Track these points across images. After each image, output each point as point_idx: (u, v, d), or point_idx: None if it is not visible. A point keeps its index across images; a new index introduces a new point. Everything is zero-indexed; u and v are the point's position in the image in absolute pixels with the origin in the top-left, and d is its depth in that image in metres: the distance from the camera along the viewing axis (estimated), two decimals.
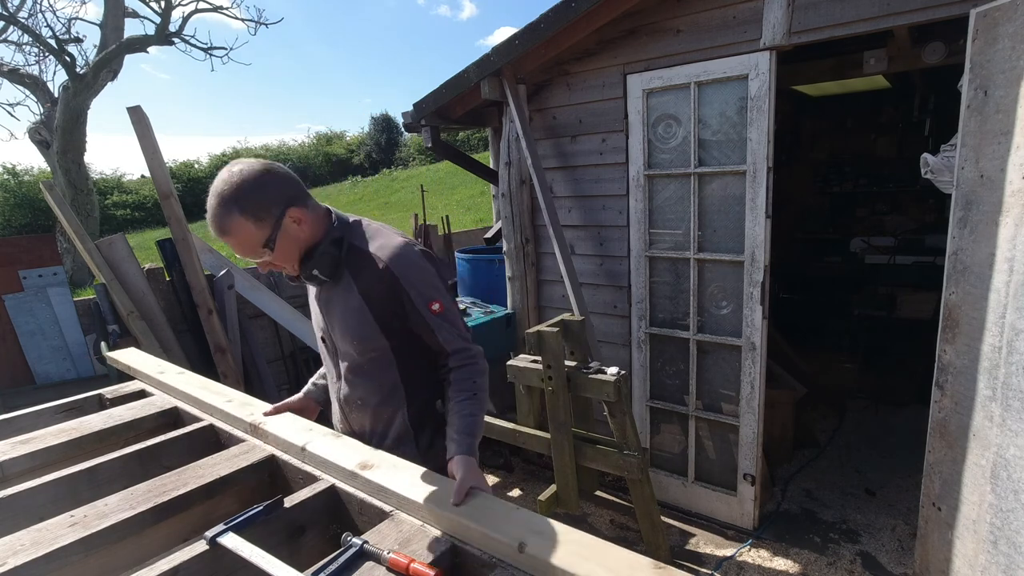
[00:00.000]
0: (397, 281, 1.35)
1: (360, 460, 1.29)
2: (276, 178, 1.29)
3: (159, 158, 3.78)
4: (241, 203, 1.23)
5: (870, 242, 5.34)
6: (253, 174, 1.26)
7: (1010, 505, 1.77)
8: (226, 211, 1.23)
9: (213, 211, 1.24)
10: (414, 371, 1.47)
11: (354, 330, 1.41)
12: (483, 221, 11.31)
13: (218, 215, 1.24)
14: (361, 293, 1.38)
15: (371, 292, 1.37)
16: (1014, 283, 1.73)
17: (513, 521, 1.04)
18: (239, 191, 1.23)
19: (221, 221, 1.24)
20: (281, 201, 1.28)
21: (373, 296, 1.37)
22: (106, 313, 3.65)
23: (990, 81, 1.80)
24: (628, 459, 2.38)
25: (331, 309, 1.44)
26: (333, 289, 1.43)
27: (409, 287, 1.36)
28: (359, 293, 1.38)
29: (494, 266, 3.85)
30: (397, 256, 1.36)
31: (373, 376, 1.46)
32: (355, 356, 1.45)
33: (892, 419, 4.10)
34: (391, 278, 1.35)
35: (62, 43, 10.04)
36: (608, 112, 3.02)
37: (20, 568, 1.01)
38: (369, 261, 1.37)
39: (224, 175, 1.26)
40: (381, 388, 1.47)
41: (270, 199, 1.27)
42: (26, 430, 1.68)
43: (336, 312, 1.43)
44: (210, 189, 1.26)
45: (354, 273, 1.39)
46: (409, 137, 25.26)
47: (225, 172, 1.27)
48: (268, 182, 1.27)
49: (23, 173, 17.28)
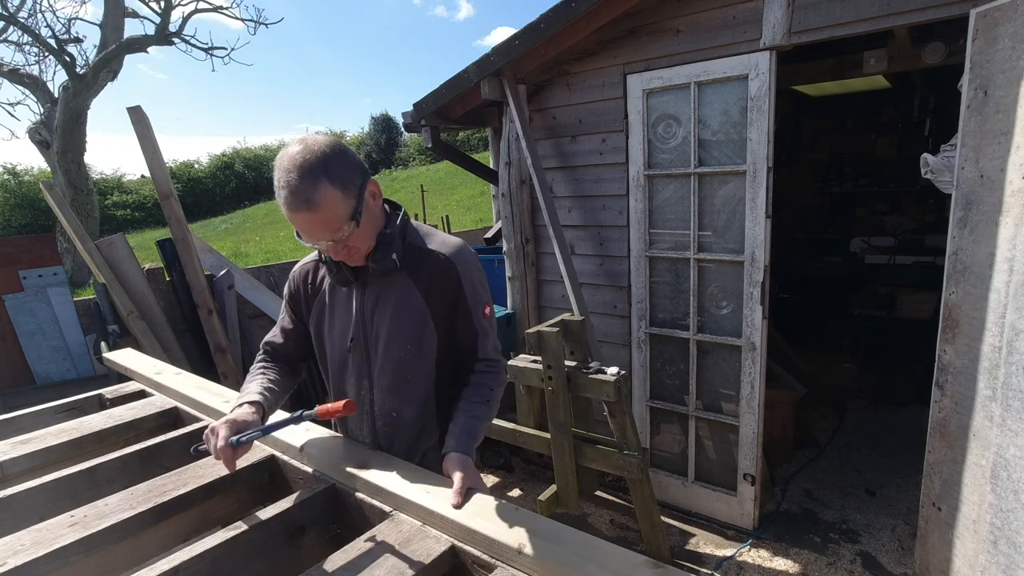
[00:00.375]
0: (460, 278, 1.31)
1: (357, 460, 1.29)
2: (351, 151, 1.22)
3: (159, 158, 3.79)
4: (329, 171, 1.13)
5: (870, 242, 5.34)
6: (332, 144, 1.17)
7: (1010, 505, 1.77)
8: (313, 180, 1.11)
9: (296, 184, 1.11)
10: (448, 382, 1.41)
11: (410, 332, 1.33)
12: (483, 221, 11.31)
13: (304, 186, 1.11)
14: (422, 293, 1.31)
15: (432, 291, 1.31)
16: (1014, 283, 1.73)
17: (512, 522, 1.04)
18: (324, 158, 1.13)
19: (309, 192, 1.11)
20: (361, 171, 1.22)
21: (434, 296, 1.31)
22: (106, 313, 3.65)
23: (990, 81, 1.80)
24: (628, 459, 2.38)
25: (380, 308, 1.33)
26: (386, 287, 1.33)
27: (468, 285, 1.32)
28: (420, 293, 1.31)
29: (494, 266, 3.85)
30: (459, 253, 1.33)
31: (415, 386, 1.37)
32: (404, 362, 1.35)
33: (892, 419, 4.10)
34: (455, 274, 1.30)
35: (62, 43, 10.04)
36: (608, 112, 3.02)
37: (20, 568, 1.01)
38: (431, 258, 1.31)
39: (297, 148, 1.14)
40: (419, 399, 1.38)
41: (353, 167, 1.19)
42: (26, 430, 1.68)
43: (387, 311, 1.33)
44: (280, 166, 1.13)
45: (414, 271, 1.31)
46: (409, 137, 25.26)
47: (298, 145, 1.15)
48: (347, 152, 1.20)
49: (23, 173, 17.28)
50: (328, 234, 1.17)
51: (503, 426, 2.83)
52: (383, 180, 22.04)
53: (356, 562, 0.99)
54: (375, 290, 1.34)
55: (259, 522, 1.12)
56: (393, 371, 1.36)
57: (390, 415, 1.40)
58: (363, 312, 1.35)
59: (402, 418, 1.39)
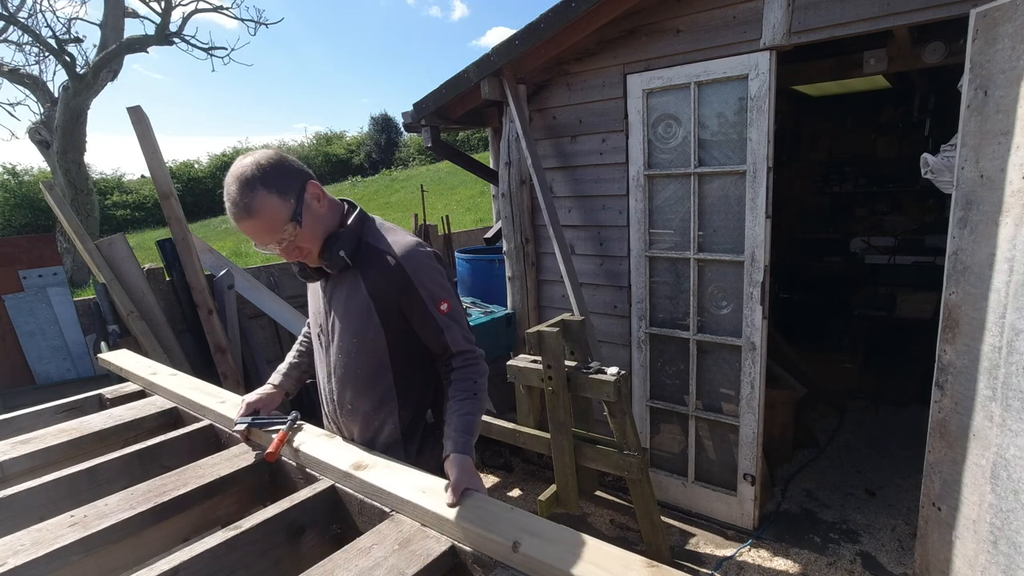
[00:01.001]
0: (409, 279, 1.36)
1: (354, 461, 1.29)
2: (290, 159, 1.32)
3: (159, 158, 3.78)
4: (264, 179, 1.24)
5: (870, 242, 5.33)
6: (268, 156, 1.28)
7: (1010, 505, 1.77)
8: (250, 189, 1.23)
9: (236, 194, 1.24)
10: (408, 378, 1.46)
11: (355, 327, 1.40)
12: (483, 221, 11.31)
13: (242, 196, 1.23)
14: (368, 290, 1.38)
15: (378, 290, 1.37)
16: (1014, 283, 1.73)
17: (509, 522, 1.04)
18: (259, 169, 1.25)
19: (246, 200, 1.23)
20: (300, 176, 1.31)
21: (380, 294, 1.37)
22: (106, 313, 3.65)
23: (990, 81, 1.80)
24: (628, 459, 2.38)
25: (335, 303, 1.43)
26: (340, 282, 1.42)
27: (420, 286, 1.36)
28: (366, 290, 1.38)
29: (494, 266, 3.85)
30: (409, 255, 1.37)
31: (366, 380, 1.44)
32: (352, 356, 1.43)
33: (892, 419, 4.10)
34: (403, 276, 1.36)
35: (62, 43, 10.04)
36: (608, 112, 3.02)
37: (20, 568, 1.01)
38: (380, 258, 1.37)
39: (238, 164, 1.27)
40: (374, 393, 1.45)
41: (290, 173, 1.29)
42: (26, 430, 1.68)
43: (339, 306, 1.42)
44: (226, 181, 1.26)
45: (364, 269, 1.39)
46: (409, 137, 25.26)
47: (238, 162, 1.28)
48: (284, 160, 1.30)
49: (23, 173, 17.27)
50: (272, 236, 1.28)
51: (503, 426, 2.84)
52: (383, 180, 22.04)
53: (356, 562, 0.99)
54: (334, 285, 1.44)
55: (259, 522, 1.12)
56: (344, 363, 1.45)
57: (347, 407, 1.48)
58: (327, 305, 1.46)
59: (358, 410, 1.47)
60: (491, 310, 3.51)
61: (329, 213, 1.38)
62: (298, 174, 1.31)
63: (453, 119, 3.59)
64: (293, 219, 1.27)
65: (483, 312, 3.48)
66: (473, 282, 4.06)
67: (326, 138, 29.13)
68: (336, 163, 26.93)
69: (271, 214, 1.25)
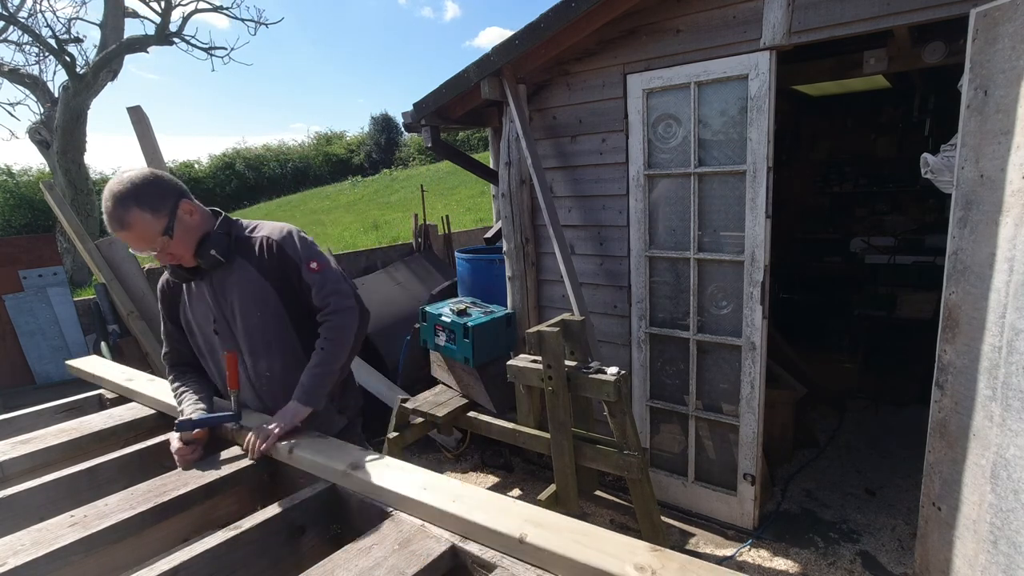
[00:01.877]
0: (283, 250, 1.58)
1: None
2: (165, 178, 1.50)
3: (159, 158, 3.79)
4: (139, 198, 1.41)
5: (870, 242, 5.33)
6: (144, 175, 1.45)
7: (1010, 505, 1.77)
8: (124, 207, 1.39)
9: (111, 209, 1.40)
10: (310, 335, 1.63)
11: (255, 296, 1.58)
12: (483, 221, 11.30)
13: (116, 212, 1.39)
14: (256, 268, 1.59)
15: (263, 265, 1.58)
16: (1014, 283, 1.73)
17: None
18: (135, 187, 1.41)
19: (120, 215, 1.39)
20: (173, 194, 1.49)
21: (266, 267, 1.58)
22: (106, 313, 3.65)
23: (990, 81, 1.80)
24: (628, 459, 2.38)
25: (228, 292, 1.61)
26: (229, 273, 1.60)
27: (293, 252, 1.58)
28: (255, 268, 1.58)
29: (494, 266, 3.84)
30: (279, 232, 1.61)
31: (274, 342, 1.63)
32: (258, 326, 1.61)
33: (892, 419, 4.10)
34: (278, 248, 1.58)
35: (62, 43, 10.03)
36: (608, 112, 3.02)
37: (20, 568, 1.01)
38: (258, 242, 1.60)
39: (115, 180, 1.42)
40: (283, 352, 1.63)
41: (164, 192, 1.47)
42: (26, 430, 1.68)
43: (235, 291, 1.60)
44: (103, 195, 1.41)
45: (246, 256, 1.60)
46: (409, 137, 25.27)
47: (115, 178, 1.43)
48: (159, 180, 1.48)
49: (22, 173, 17.27)
50: (146, 245, 1.46)
51: (503, 426, 2.84)
52: (383, 180, 22.04)
53: (356, 562, 0.99)
54: (220, 277, 1.61)
55: (259, 522, 1.12)
56: (252, 335, 1.62)
57: (264, 375, 1.65)
58: (216, 297, 1.62)
59: (274, 373, 1.65)
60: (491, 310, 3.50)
61: (202, 223, 1.56)
62: (173, 193, 1.49)
63: (453, 119, 3.59)
64: (165, 232, 1.45)
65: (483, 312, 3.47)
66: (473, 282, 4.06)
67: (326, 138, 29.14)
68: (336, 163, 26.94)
69: (142, 228, 1.42)
